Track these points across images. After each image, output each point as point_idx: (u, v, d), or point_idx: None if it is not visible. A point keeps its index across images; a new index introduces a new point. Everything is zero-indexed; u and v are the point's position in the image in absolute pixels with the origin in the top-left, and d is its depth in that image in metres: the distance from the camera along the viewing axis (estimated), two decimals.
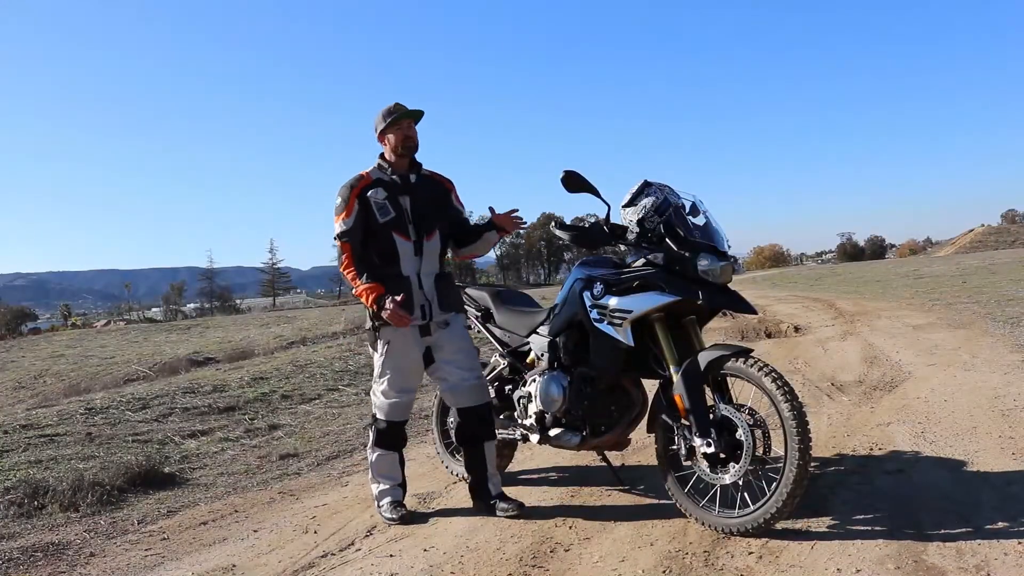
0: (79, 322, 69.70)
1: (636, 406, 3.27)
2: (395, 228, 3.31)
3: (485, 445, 3.46)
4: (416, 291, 3.33)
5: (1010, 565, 2.44)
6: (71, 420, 6.23)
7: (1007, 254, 33.05)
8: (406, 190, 3.38)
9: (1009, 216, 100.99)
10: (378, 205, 3.31)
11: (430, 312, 3.36)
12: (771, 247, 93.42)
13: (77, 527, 3.70)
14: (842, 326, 9.47)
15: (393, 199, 3.34)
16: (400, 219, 3.33)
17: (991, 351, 6.46)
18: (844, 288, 18.79)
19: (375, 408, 3.48)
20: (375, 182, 3.35)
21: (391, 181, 3.37)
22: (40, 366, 15.68)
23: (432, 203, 3.43)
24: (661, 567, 2.67)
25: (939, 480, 3.30)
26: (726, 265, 2.94)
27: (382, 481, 3.49)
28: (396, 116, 3.34)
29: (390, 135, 3.36)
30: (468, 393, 3.43)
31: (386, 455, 3.48)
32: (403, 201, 3.35)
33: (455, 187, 3.58)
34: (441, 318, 3.39)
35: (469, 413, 3.45)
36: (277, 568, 3.00)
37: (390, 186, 3.36)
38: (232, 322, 26.13)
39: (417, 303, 3.33)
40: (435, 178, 3.52)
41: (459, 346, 3.45)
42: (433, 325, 3.38)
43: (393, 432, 3.46)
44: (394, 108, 3.37)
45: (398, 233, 3.31)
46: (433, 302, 3.37)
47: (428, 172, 3.50)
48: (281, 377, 8.34)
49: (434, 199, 3.45)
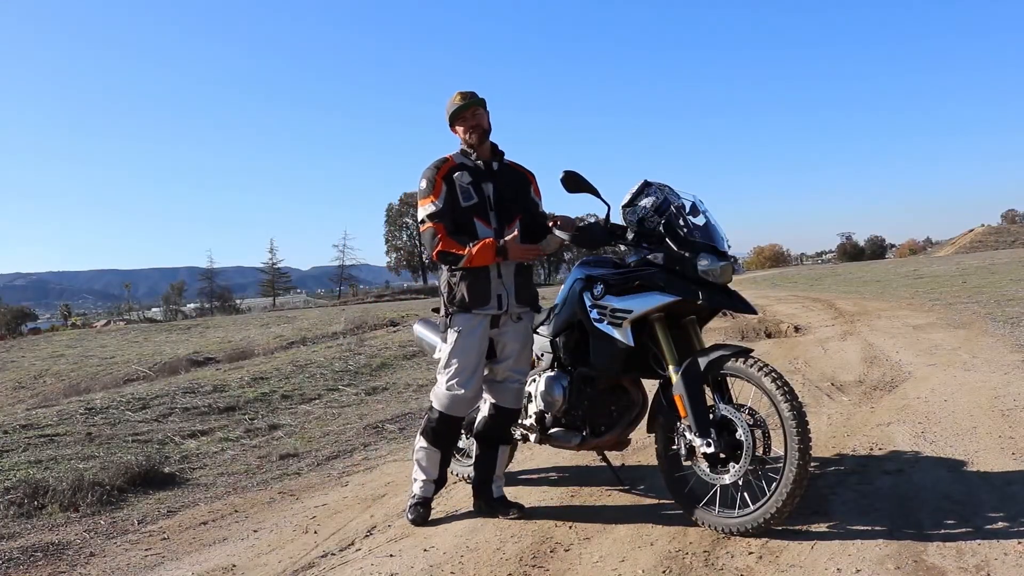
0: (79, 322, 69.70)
1: (636, 406, 3.27)
2: (477, 214, 3.27)
3: (500, 449, 3.45)
4: (494, 280, 3.28)
5: (1010, 565, 2.44)
6: (71, 420, 6.23)
7: (1007, 254, 33.04)
8: (490, 176, 3.35)
9: (1009, 216, 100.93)
10: (462, 188, 3.27)
11: (506, 303, 3.30)
12: (771, 247, 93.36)
13: (77, 527, 3.70)
14: (842, 326, 9.46)
15: (476, 184, 3.30)
16: (482, 205, 3.29)
17: (991, 351, 6.46)
18: (844, 288, 18.79)
19: (433, 397, 3.36)
20: (459, 166, 3.33)
21: (475, 167, 3.34)
22: (40, 366, 15.67)
23: (513, 192, 3.40)
24: (661, 567, 2.67)
25: (939, 480, 3.30)
26: (726, 265, 2.94)
27: (420, 475, 3.41)
28: (459, 107, 3.31)
29: (458, 126, 3.34)
30: (512, 394, 3.39)
31: (432, 452, 3.38)
32: (486, 187, 3.32)
33: (536, 179, 3.55)
34: (516, 310, 3.34)
35: (504, 413, 3.41)
36: (277, 568, 3.00)
37: (474, 171, 3.33)
38: (232, 322, 26.12)
39: (494, 292, 3.27)
40: (516, 168, 3.49)
41: (521, 344, 3.39)
42: (505, 317, 3.32)
43: (447, 427, 3.35)
44: (457, 99, 3.34)
45: (479, 219, 3.27)
46: (510, 293, 3.31)
47: (509, 162, 3.48)
48: (281, 377, 8.33)
49: (515, 188, 3.42)
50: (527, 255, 3.24)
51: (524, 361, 3.43)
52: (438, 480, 3.45)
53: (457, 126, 3.35)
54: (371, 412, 6.41)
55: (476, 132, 3.32)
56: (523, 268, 3.39)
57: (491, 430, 3.44)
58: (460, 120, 3.33)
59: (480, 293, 3.24)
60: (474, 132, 3.32)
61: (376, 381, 7.93)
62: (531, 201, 3.49)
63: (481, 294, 3.25)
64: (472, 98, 3.32)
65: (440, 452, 3.40)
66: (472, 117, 3.32)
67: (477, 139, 3.33)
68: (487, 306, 3.27)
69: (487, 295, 3.26)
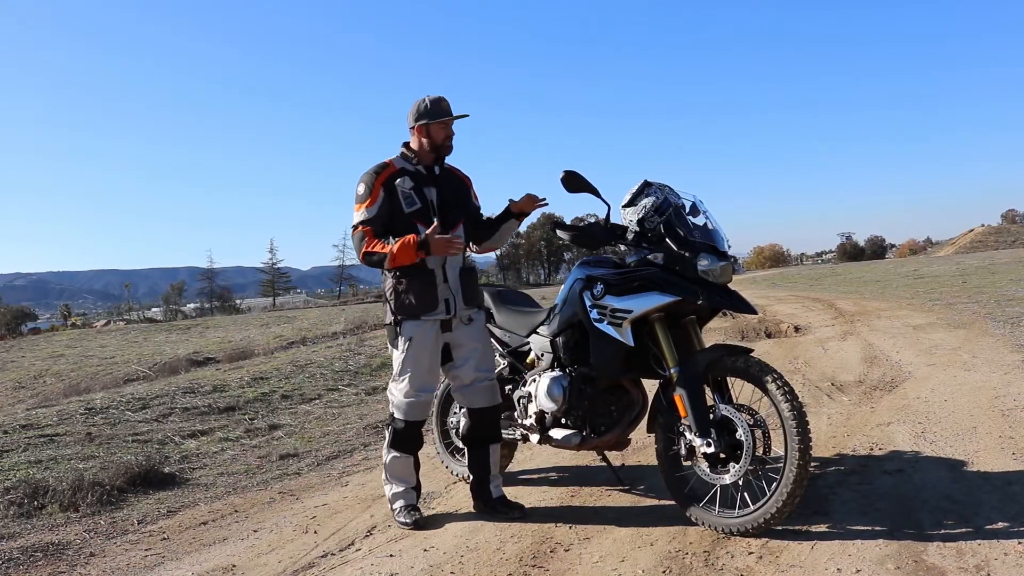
0: (79, 322, 69.69)
1: (636, 406, 3.26)
2: (420, 219, 3.26)
3: (491, 447, 3.45)
4: (440, 284, 3.28)
5: (1010, 565, 2.44)
6: (71, 420, 6.23)
7: (1007, 254, 33.02)
8: (432, 181, 3.35)
9: (1009, 216, 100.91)
10: (404, 194, 3.27)
11: (454, 306, 3.31)
12: (771, 247, 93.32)
13: (77, 527, 3.70)
14: (842, 326, 9.46)
15: (419, 190, 3.30)
16: (425, 210, 3.29)
17: (991, 351, 6.46)
18: (844, 288, 18.78)
19: (392, 407, 3.39)
20: (400, 171, 3.32)
21: (416, 171, 3.33)
22: (40, 366, 15.66)
23: (456, 197, 3.41)
24: (661, 567, 2.67)
25: (939, 480, 3.30)
26: (726, 265, 2.94)
27: (395, 484, 3.43)
28: (448, 116, 3.29)
29: (435, 129, 3.30)
30: (482, 393, 3.40)
31: (401, 458, 3.41)
32: (428, 192, 3.32)
33: (472, 184, 3.57)
34: (465, 313, 3.35)
35: (481, 415, 3.42)
36: (277, 568, 3.00)
37: (416, 176, 3.32)
38: (232, 322, 26.12)
39: (441, 297, 3.28)
40: (456, 173, 3.51)
41: (476, 345, 3.40)
42: (455, 320, 3.34)
43: (410, 433, 3.38)
44: (445, 104, 3.31)
45: (423, 224, 3.25)
46: (458, 296, 3.32)
47: (449, 166, 3.48)
48: (281, 377, 8.33)
49: (457, 193, 3.43)
50: (449, 248, 3.17)
51: (486, 359, 3.45)
52: (417, 486, 3.47)
53: (435, 128, 3.30)
54: (371, 412, 6.41)
55: (448, 142, 3.34)
56: (468, 270, 3.40)
57: (476, 432, 3.46)
58: (440, 124, 3.30)
59: (427, 298, 3.25)
60: (447, 141, 3.33)
61: (376, 381, 7.92)
62: (472, 205, 3.51)
63: (428, 299, 3.25)
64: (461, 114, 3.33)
65: (412, 457, 3.43)
66: (448, 127, 3.33)
67: (445, 149, 3.34)
68: (435, 311, 3.27)
69: (435, 300, 3.27)
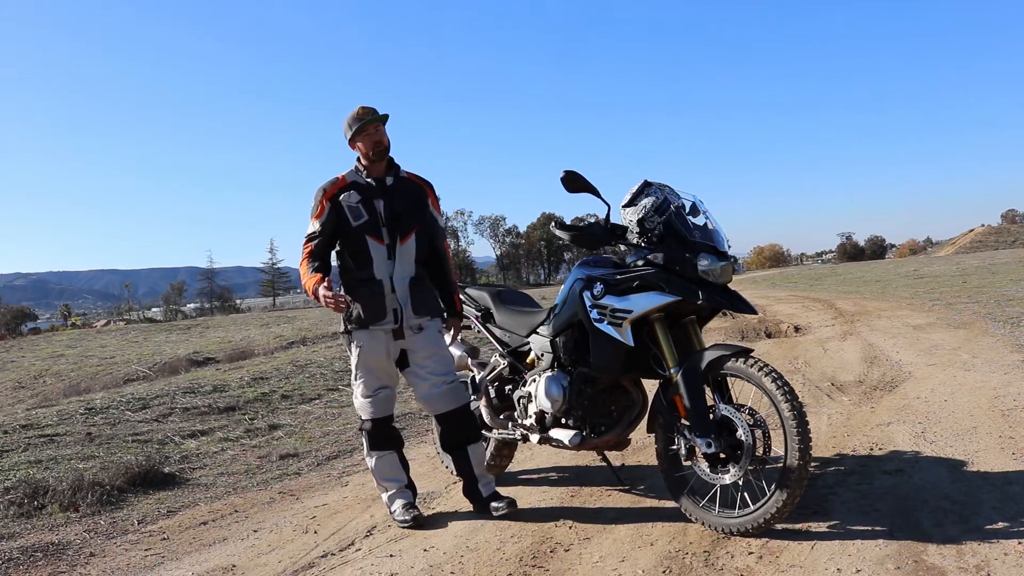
0: (79, 322, 69.71)
1: (636, 406, 3.26)
2: (368, 231, 3.31)
3: (469, 448, 3.45)
4: (388, 295, 3.32)
5: (1010, 565, 2.44)
6: (71, 420, 6.23)
7: (1007, 254, 33.01)
8: (381, 193, 3.37)
9: (1009, 216, 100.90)
10: (351, 208, 3.31)
11: (402, 316, 3.34)
12: (771, 247, 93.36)
13: (77, 527, 3.71)
14: (842, 326, 9.46)
15: (367, 202, 3.33)
16: (373, 222, 3.32)
17: (991, 351, 6.46)
18: (844, 288, 18.79)
19: (358, 411, 3.46)
20: (350, 184, 3.36)
21: (366, 184, 3.37)
22: (40, 366, 15.67)
23: (408, 205, 3.41)
24: (661, 567, 2.67)
25: (939, 480, 3.30)
26: (726, 265, 2.94)
27: (388, 485, 3.45)
28: (362, 123, 3.31)
29: (359, 142, 3.35)
30: (442, 398, 3.42)
31: (385, 456, 3.44)
32: (377, 204, 3.34)
33: (434, 190, 3.57)
34: (415, 322, 3.37)
35: (447, 418, 3.44)
36: (277, 568, 3.00)
37: (364, 189, 3.35)
38: (232, 322, 26.12)
39: (389, 307, 3.32)
40: (413, 180, 3.50)
41: (431, 351, 3.41)
42: (406, 329, 3.36)
43: (382, 430, 3.42)
44: (359, 114, 3.34)
45: (371, 236, 3.30)
46: (406, 306, 3.35)
47: (407, 173, 3.49)
48: (281, 377, 8.33)
49: (411, 201, 3.43)
50: (335, 307, 3.17)
51: (441, 364, 3.45)
52: (410, 484, 3.49)
53: (358, 142, 3.34)
54: None
55: (377, 149, 3.34)
56: (418, 278, 3.41)
57: (449, 437, 3.47)
58: (362, 136, 3.32)
59: (375, 309, 3.30)
60: (376, 148, 3.34)
61: None
62: (428, 213, 3.51)
63: (376, 310, 3.30)
64: (373, 114, 3.34)
65: (395, 453, 3.46)
66: (375, 133, 3.33)
67: (377, 155, 3.35)
68: (383, 321, 3.32)
69: (382, 310, 3.31)
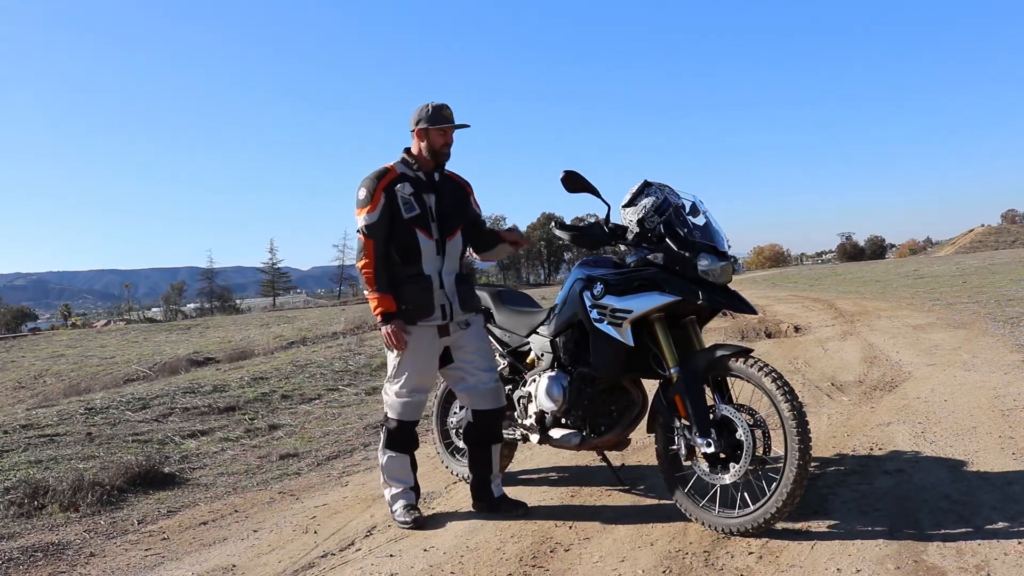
0: (79, 322, 69.74)
1: (636, 406, 3.27)
2: (419, 225, 3.27)
3: (492, 448, 3.46)
4: (437, 290, 3.29)
5: (1010, 565, 2.44)
6: (71, 420, 6.23)
7: (1007, 254, 33.01)
8: (431, 188, 3.35)
9: (1009, 216, 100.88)
10: (404, 200, 3.27)
11: (451, 312, 3.33)
12: (771, 247, 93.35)
13: (77, 527, 3.70)
14: (842, 326, 9.46)
15: (419, 196, 3.31)
16: (424, 216, 3.29)
17: (991, 351, 6.46)
18: (844, 288, 18.78)
19: (387, 407, 3.41)
20: (401, 176, 3.32)
21: (417, 177, 3.34)
22: (40, 366, 15.66)
23: (454, 203, 3.41)
24: (661, 567, 2.67)
25: (939, 480, 3.30)
26: (726, 265, 2.94)
27: (394, 484, 3.44)
28: (447, 123, 3.28)
29: (434, 135, 3.31)
30: (488, 395, 3.41)
31: (397, 458, 3.42)
32: (428, 199, 3.33)
33: (472, 190, 3.58)
34: (462, 318, 3.37)
35: (485, 416, 3.43)
36: (277, 568, 3.00)
37: (416, 182, 3.32)
38: (232, 322, 26.12)
39: (437, 302, 3.29)
40: (455, 179, 3.51)
41: (479, 346, 3.43)
42: (452, 325, 3.35)
43: (405, 433, 3.40)
44: (446, 112, 3.31)
45: (421, 230, 3.27)
46: (454, 302, 3.33)
47: (449, 172, 3.48)
48: (281, 377, 8.33)
49: (456, 199, 3.44)
50: (396, 346, 3.24)
51: (489, 360, 3.47)
52: (416, 487, 3.48)
53: (432, 135, 3.31)
54: (371, 412, 6.41)
55: (446, 149, 3.35)
56: (464, 275, 3.41)
57: (478, 432, 3.46)
58: (439, 131, 3.30)
59: (424, 304, 3.27)
60: (445, 148, 3.34)
61: (376, 381, 7.92)
62: (472, 211, 3.52)
63: (425, 305, 3.27)
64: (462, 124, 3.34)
65: (408, 456, 3.45)
66: (450, 135, 3.34)
67: (442, 155, 3.35)
68: (431, 317, 3.29)
69: (431, 306, 3.28)
